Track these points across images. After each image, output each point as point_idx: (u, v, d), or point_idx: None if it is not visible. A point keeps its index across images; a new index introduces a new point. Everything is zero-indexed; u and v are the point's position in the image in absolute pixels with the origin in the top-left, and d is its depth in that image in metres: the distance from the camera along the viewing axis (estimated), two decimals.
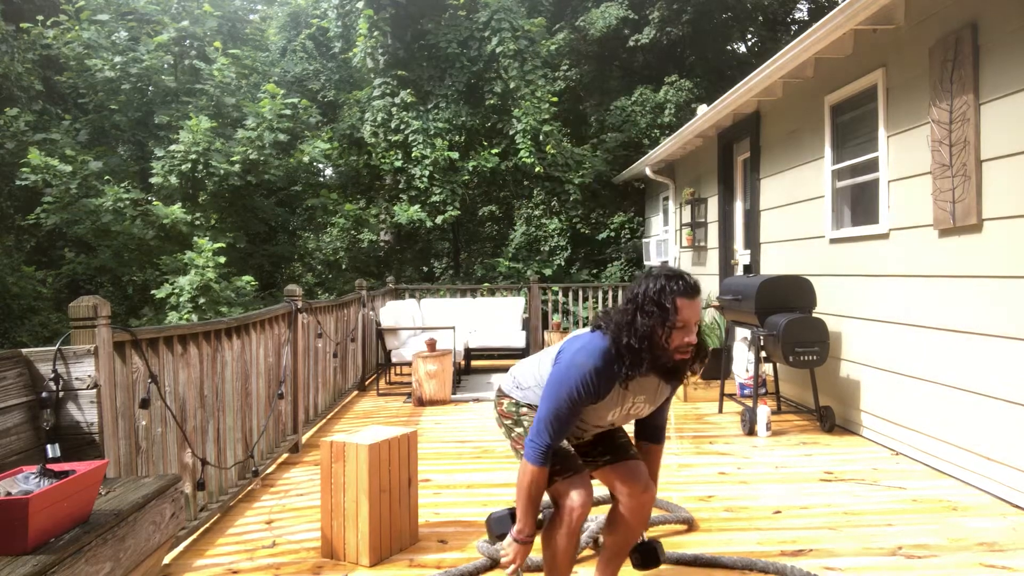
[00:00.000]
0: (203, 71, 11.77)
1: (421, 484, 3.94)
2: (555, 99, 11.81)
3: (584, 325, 6.83)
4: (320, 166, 12.82)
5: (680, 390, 6.52)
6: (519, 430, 2.45)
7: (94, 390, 2.50)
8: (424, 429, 5.58)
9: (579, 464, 2.36)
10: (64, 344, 2.51)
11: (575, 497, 2.27)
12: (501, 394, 2.57)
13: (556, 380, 2.23)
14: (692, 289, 2.16)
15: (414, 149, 11.30)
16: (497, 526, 2.37)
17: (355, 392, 7.42)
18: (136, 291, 11.30)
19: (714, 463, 4.44)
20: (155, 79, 11.60)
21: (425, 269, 13.30)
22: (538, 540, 2.35)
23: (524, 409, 2.47)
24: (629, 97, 12.48)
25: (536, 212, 11.99)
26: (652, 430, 2.52)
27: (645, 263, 11.06)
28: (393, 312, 7.67)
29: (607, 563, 2.57)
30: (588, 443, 2.53)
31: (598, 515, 3.29)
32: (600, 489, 3.87)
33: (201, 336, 3.51)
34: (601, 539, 3.10)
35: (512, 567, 2.30)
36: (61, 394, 2.46)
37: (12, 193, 11.70)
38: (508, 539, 2.32)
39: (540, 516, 3.32)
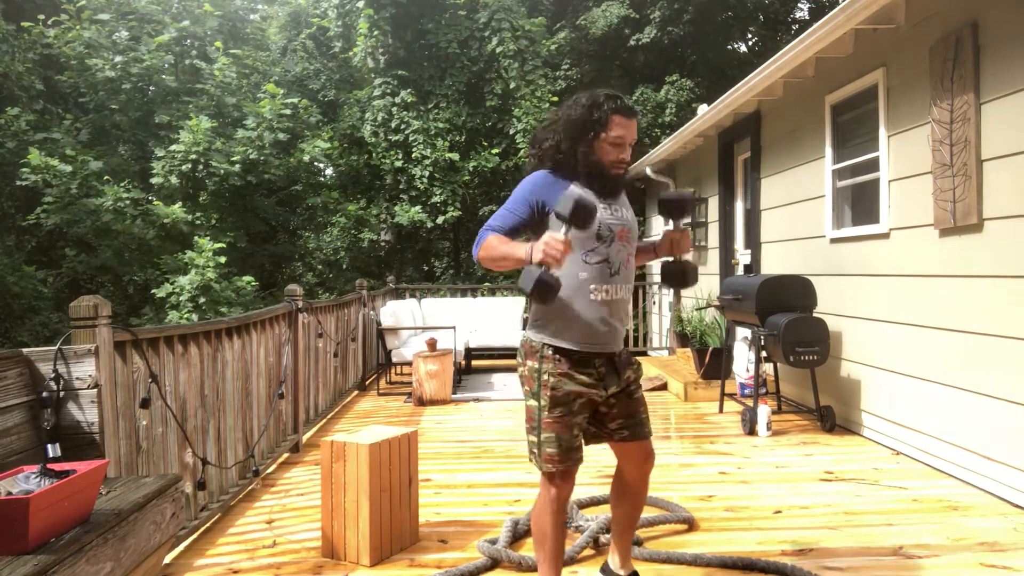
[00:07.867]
0: (204, 71, 11.77)
1: (421, 484, 3.94)
2: (555, 99, 11.80)
3: None
4: (320, 166, 12.82)
5: (681, 390, 6.52)
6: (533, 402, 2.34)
7: (95, 390, 2.50)
8: (424, 429, 5.58)
9: (575, 459, 2.36)
10: (65, 344, 2.51)
11: (562, 487, 2.36)
12: (522, 353, 2.43)
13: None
14: (629, 109, 2.26)
15: (414, 149, 11.30)
16: (527, 279, 2.28)
17: (355, 392, 7.42)
18: (136, 291, 11.31)
19: (714, 463, 4.44)
20: (156, 79, 11.60)
21: (425, 269, 13.30)
22: (530, 542, 2.33)
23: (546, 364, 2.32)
24: (630, 96, 12.49)
25: None
26: None
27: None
28: (393, 312, 7.67)
29: (620, 536, 2.61)
30: (614, 418, 2.44)
31: (598, 515, 3.29)
32: (599, 489, 3.86)
33: (202, 336, 3.51)
34: (602, 537, 3.10)
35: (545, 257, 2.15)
36: (62, 394, 2.46)
37: (13, 193, 11.70)
38: (531, 254, 2.17)
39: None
